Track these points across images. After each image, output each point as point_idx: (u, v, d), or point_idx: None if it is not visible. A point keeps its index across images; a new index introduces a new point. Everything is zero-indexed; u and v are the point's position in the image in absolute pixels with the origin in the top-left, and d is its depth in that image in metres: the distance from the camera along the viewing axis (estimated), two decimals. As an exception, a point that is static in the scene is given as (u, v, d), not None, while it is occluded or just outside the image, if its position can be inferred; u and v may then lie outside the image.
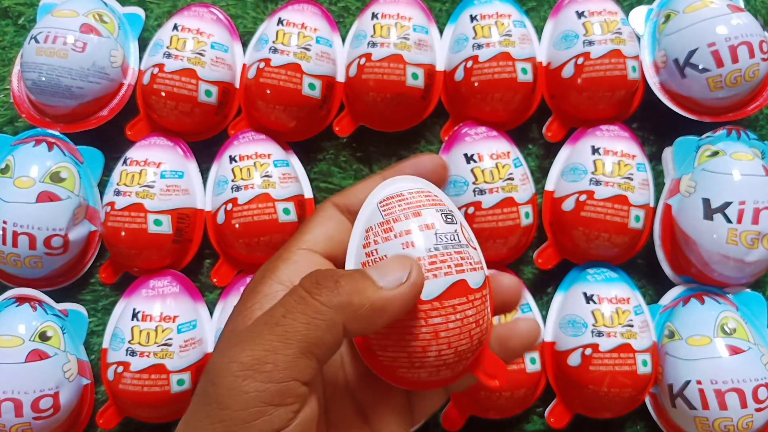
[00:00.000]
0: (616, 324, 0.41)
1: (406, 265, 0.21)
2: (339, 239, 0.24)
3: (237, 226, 0.43)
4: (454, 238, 0.22)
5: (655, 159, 0.48)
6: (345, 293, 0.20)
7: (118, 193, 0.44)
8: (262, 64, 0.45)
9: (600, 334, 0.41)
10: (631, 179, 0.43)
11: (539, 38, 0.48)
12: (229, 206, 0.44)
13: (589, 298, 0.42)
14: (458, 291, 0.21)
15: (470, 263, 0.22)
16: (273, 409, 0.18)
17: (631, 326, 0.41)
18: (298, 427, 0.19)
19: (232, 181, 0.44)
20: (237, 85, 0.49)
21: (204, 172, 0.48)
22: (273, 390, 0.18)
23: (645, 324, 0.42)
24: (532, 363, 0.42)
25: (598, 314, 0.41)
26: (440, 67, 0.48)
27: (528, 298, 0.45)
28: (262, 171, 0.44)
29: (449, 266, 0.21)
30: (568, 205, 0.43)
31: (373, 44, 0.45)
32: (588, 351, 0.40)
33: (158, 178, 0.45)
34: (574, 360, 0.41)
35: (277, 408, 0.18)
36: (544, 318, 0.45)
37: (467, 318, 0.21)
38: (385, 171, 0.25)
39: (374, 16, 0.46)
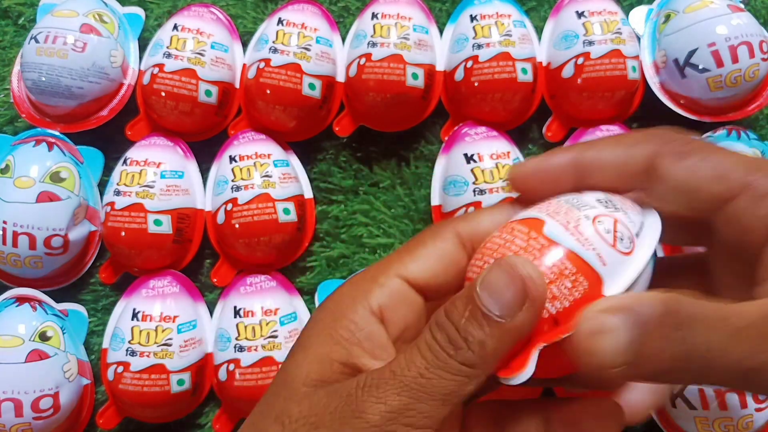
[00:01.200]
0: None
1: (516, 277, 0.19)
2: (444, 280, 0.22)
3: (237, 226, 0.43)
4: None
5: (655, 159, 0.48)
6: (478, 347, 0.19)
7: (118, 193, 0.44)
8: (262, 64, 0.45)
9: None
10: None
11: (539, 38, 0.48)
12: (229, 206, 0.44)
13: None
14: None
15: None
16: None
17: None
18: None
19: (232, 181, 0.44)
20: (237, 85, 0.49)
21: (204, 172, 0.48)
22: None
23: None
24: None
25: None
26: (440, 67, 0.48)
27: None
28: (262, 171, 0.44)
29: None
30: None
31: (373, 44, 0.45)
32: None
33: (158, 178, 0.45)
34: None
35: None
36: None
37: None
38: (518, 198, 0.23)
39: (374, 16, 0.46)
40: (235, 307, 0.43)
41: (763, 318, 0.18)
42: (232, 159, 0.45)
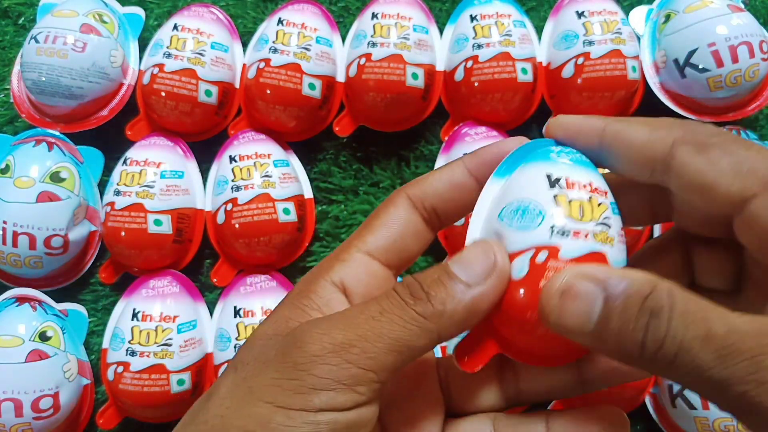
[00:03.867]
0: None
1: (489, 252, 0.20)
2: (403, 244, 0.23)
3: (237, 226, 0.43)
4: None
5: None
6: (438, 302, 0.19)
7: (118, 193, 0.44)
8: (262, 64, 0.45)
9: None
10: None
11: (539, 38, 0.48)
12: (229, 206, 0.44)
13: None
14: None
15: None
16: (342, 389, 0.19)
17: None
18: (354, 416, 0.19)
19: (232, 181, 0.44)
20: (237, 85, 0.49)
21: (204, 172, 0.48)
22: (351, 372, 0.19)
23: None
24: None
25: None
26: (440, 67, 0.48)
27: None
28: (262, 171, 0.44)
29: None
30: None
31: (373, 44, 0.45)
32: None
33: (158, 178, 0.45)
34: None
35: (345, 389, 0.19)
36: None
37: None
38: (465, 157, 0.24)
39: (374, 16, 0.46)
40: (235, 307, 0.43)
41: (752, 337, 0.16)
42: (232, 159, 0.45)
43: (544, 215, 0.20)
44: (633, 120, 0.22)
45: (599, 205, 0.21)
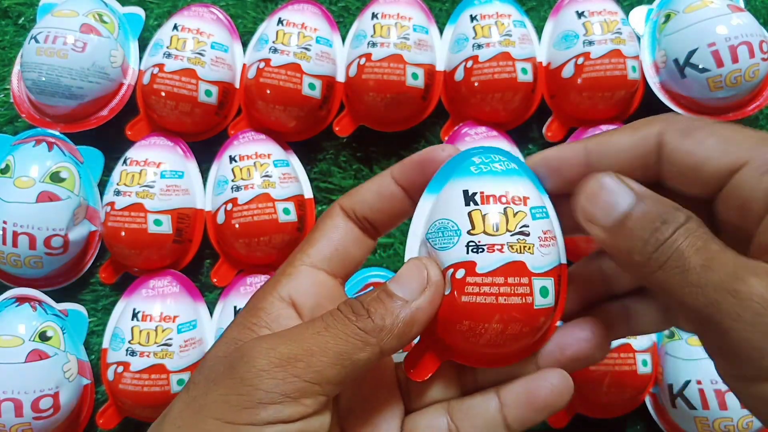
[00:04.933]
0: None
1: (422, 269, 0.22)
2: (344, 252, 0.24)
3: (237, 226, 0.43)
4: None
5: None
6: (378, 317, 0.21)
7: (118, 193, 0.44)
8: (262, 64, 0.45)
9: None
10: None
11: (539, 38, 0.48)
12: (229, 206, 0.44)
13: None
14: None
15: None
16: (288, 402, 0.19)
17: None
18: (300, 428, 0.20)
19: (232, 181, 0.44)
20: (237, 85, 0.49)
21: (204, 172, 0.48)
22: (297, 386, 0.19)
23: None
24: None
25: None
26: (440, 67, 0.48)
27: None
28: (262, 171, 0.44)
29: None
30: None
31: (373, 44, 0.45)
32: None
33: (158, 178, 0.45)
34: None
35: (291, 402, 0.19)
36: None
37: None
38: (392, 167, 0.25)
39: (374, 16, 0.46)
40: (235, 307, 0.43)
41: (729, 275, 0.18)
42: (232, 159, 0.45)
43: (460, 234, 0.22)
44: (609, 132, 0.23)
45: (515, 214, 0.22)
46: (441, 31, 0.49)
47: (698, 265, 0.18)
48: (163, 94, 0.45)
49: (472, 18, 0.46)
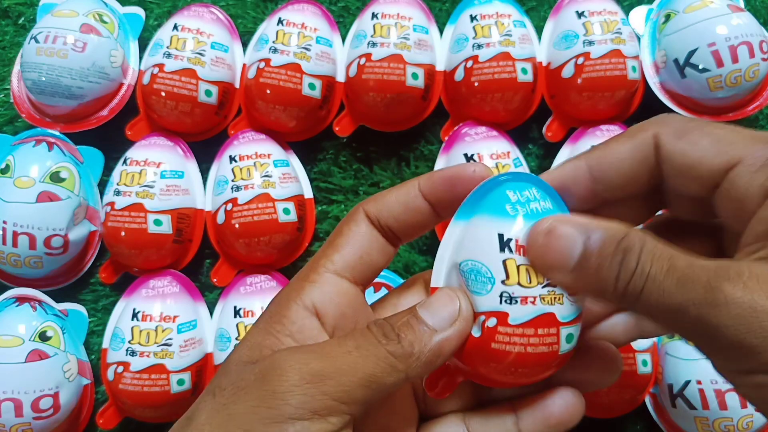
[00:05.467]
0: None
1: (455, 300, 0.22)
2: (369, 260, 0.24)
3: (237, 226, 0.43)
4: None
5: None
6: (407, 344, 0.21)
7: (118, 193, 0.44)
8: (262, 64, 0.45)
9: None
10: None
11: (539, 38, 0.48)
12: (229, 206, 0.44)
13: None
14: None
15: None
16: (316, 419, 0.20)
17: None
18: None
19: (232, 181, 0.44)
20: (237, 85, 0.49)
21: (204, 172, 0.48)
22: (326, 404, 0.20)
23: None
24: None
25: None
26: (440, 67, 0.48)
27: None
28: (262, 171, 0.44)
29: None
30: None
31: (373, 44, 0.45)
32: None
33: (158, 178, 0.45)
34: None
35: (319, 419, 0.20)
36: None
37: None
38: (420, 179, 0.24)
39: (374, 16, 0.46)
40: (235, 307, 0.43)
41: (708, 270, 0.18)
42: (232, 159, 0.45)
43: (494, 282, 0.22)
44: (606, 143, 0.23)
45: None
46: (441, 31, 0.49)
47: (672, 287, 0.18)
48: (163, 94, 0.45)
49: (472, 18, 0.46)
